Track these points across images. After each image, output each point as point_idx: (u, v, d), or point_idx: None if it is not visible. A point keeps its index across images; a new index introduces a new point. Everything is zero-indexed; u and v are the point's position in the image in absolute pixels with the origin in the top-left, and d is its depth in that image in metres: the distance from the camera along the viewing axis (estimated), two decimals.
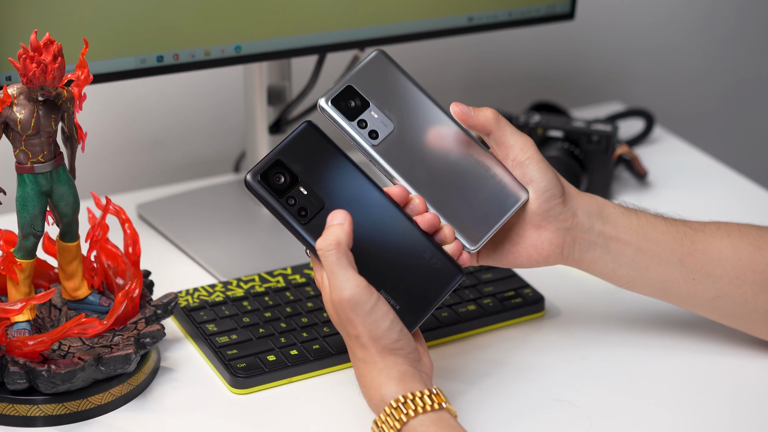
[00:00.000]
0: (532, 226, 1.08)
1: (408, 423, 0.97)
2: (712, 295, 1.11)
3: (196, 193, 1.43)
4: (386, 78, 1.08)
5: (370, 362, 0.99)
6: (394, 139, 1.06)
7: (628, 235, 1.10)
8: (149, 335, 1.10)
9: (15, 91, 1.03)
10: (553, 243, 1.08)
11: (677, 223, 1.12)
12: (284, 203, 1.01)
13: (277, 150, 1.02)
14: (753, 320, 1.12)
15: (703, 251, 1.11)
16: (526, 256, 1.09)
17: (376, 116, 1.06)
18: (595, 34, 1.79)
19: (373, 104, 1.06)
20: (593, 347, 1.18)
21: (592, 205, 1.10)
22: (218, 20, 1.24)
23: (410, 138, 1.07)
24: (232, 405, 1.10)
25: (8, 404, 1.06)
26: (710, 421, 1.09)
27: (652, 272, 1.10)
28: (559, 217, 1.08)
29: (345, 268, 0.98)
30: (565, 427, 1.08)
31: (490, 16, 1.37)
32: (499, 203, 1.07)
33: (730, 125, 1.98)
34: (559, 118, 1.46)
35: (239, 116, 1.54)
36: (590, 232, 1.09)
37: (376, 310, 0.98)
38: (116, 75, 1.22)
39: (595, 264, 1.10)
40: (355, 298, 0.97)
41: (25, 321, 1.08)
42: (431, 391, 0.98)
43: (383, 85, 1.07)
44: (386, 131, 1.06)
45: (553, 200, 1.07)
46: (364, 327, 0.98)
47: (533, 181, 1.07)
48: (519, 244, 1.09)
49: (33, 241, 1.07)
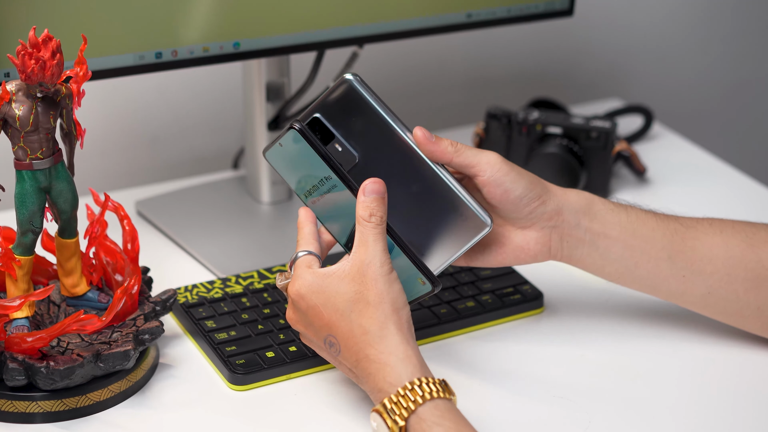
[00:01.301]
0: (517, 228, 1.09)
1: (425, 404, 0.96)
2: (703, 292, 1.11)
3: (195, 189, 1.43)
4: (354, 106, 1.08)
5: (384, 338, 0.99)
6: (359, 171, 1.07)
7: (616, 232, 1.10)
8: (148, 332, 1.10)
9: (14, 87, 1.03)
10: (539, 242, 1.09)
11: (668, 220, 1.12)
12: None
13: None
14: (745, 316, 1.12)
15: (693, 248, 1.10)
16: (514, 257, 1.10)
17: (340, 149, 1.07)
18: (594, 30, 1.79)
19: (338, 136, 1.07)
20: (592, 343, 1.18)
21: (579, 202, 1.10)
22: (217, 17, 1.24)
23: (374, 169, 1.07)
24: (230, 401, 1.10)
25: (7, 401, 1.06)
26: (709, 416, 1.09)
27: (641, 269, 1.10)
28: (542, 217, 1.08)
29: (381, 241, 1.02)
30: (564, 423, 1.08)
31: (489, 12, 1.37)
32: (459, 234, 1.08)
33: (729, 122, 1.98)
34: (558, 115, 1.46)
35: (238, 113, 1.54)
36: (577, 229, 1.09)
37: (397, 285, 1.01)
38: (115, 71, 1.22)
39: (584, 260, 1.11)
40: (390, 266, 1.01)
41: (23, 317, 1.08)
42: (440, 380, 0.98)
43: (351, 114, 1.08)
44: (350, 164, 1.08)
45: (531, 203, 1.08)
46: (388, 294, 1.00)
47: (507, 190, 1.07)
48: (505, 245, 1.09)
49: (32, 237, 1.07)
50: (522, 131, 1.45)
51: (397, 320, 1.00)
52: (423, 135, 1.07)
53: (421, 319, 1.17)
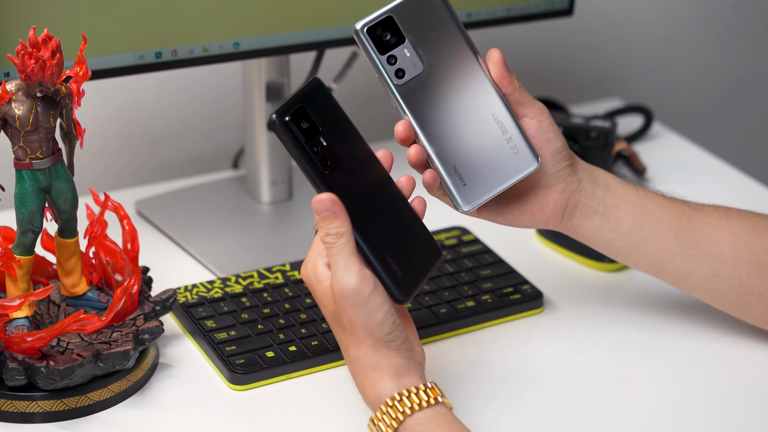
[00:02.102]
0: (541, 185, 1.09)
1: (404, 422, 0.96)
2: (707, 274, 1.12)
3: (195, 189, 1.43)
4: (428, 15, 1.04)
5: (363, 358, 0.99)
6: (420, 82, 1.04)
7: (627, 205, 1.11)
8: (148, 331, 1.10)
9: (13, 87, 1.03)
10: (558, 203, 1.09)
11: (675, 200, 1.13)
12: (310, 149, 0.97)
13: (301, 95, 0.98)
14: (747, 303, 1.13)
15: (699, 228, 1.11)
16: (530, 214, 1.10)
17: (408, 54, 1.03)
18: (594, 30, 1.79)
19: (408, 41, 1.03)
20: (592, 343, 1.18)
21: (595, 174, 1.11)
22: (216, 16, 1.24)
23: (436, 84, 1.04)
24: (230, 401, 1.10)
25: (7, 400, 1.06)
26: (709, 416, 1.09)
27: (649, 245, 1.11)
28: (567, 179, 1.09)
29: (349, 256, 0.97)
30: (563, 423, 1.08)
31: (489, 12, 1.37)
32: (506, 167, 1.06)
33: (729, 121, 1.98)
34: (558, 114, 1.46)
35: (238, 112, 1.54)
36: (593, 199, 1.10)
37: (372, 301, 0.97)
38: (115, 71, 1.22)
39: (594, 232, 1.11)
40: (356, 285, 0.96)
41: (23, 317, 1.08)
42: (426, 386, 0.98)
43: (423, 22, 1.04)
44: (414, 72, 1.03)
45: (563, 161, 1.09)
46: (360, 318, 0.97)
47: (550, 140, 1.08)
48: (525, 201, 1.09)
49: (31, 237, 1.07)
50: None
51: (372, 342, 0.98)
52: (501, 56, 1.07)
53: (421, 318, 1.17)
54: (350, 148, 1.00)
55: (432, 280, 1.23)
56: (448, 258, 1.26)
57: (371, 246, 0.98)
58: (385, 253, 0.99)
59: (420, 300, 1.20)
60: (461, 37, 1.05)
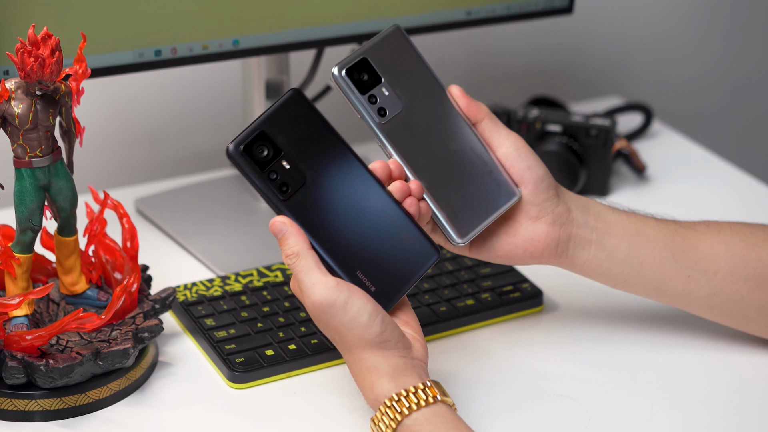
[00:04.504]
0: (529, 217, 1.08)
1: (402, 422, 0.96)
2: (708, 293, 1.11)
3: (195, 187, 1.43)
4: (400, 55, 1.06)
5: (360, 362, 0.98)
6: (401, 120, 1.05)
7: (620, 230, 1.10)
8: (147, 330, 1.10)
9: (13, 85, 1.03)
10: (549, 236, 1.08)
11: (667, 221, 1.12)
12: (266, 177, 0.99)
13: (262, 120, 0.99)
14: (749, 317, 1.12)
15: (694, 247, 1.11)
16: (522, 249, 1.09)
17: (386, 93, 1.05)
18: (594, 28, 1.79)
19: (384, 80, 1.05)
20: (591, 342, 1.18)
21: (583, 202, 1.10)
22: (216, 14, 1.24)
23: (417, 121, 1.06)
24: (230, 399, 1.10)
25: (6, 399, 1.06)
26: (708, 416, 1.09)
27: (647, 269, 1.10)
28: (555, 210, 1.08)
29: (309, 271, 0.97)
30: (563, 422, 1.08)
31: (489, 10, 1.36)
32: (492, 199, 1.07)
33: (729, 119, 1.98)
34: (558, 113, 1.46)
35: (237, 110, 1.54)
36: (585, 228, 1.09)
37: (351, 307, 0.97)
38: (114, 69, 1.22)
39: (590, 263, 1.10)
40: (327, 297, 0.97)
41: (23, 315, 1.08)
42: (425, 384, 0.97)
43: (397, 62, 1.06)
44: (395, 110, 1.05)
45: (549, 191, 1.08)
46: (344, 327, 0.97)
47: (530, 167, 1.07)
48: (515, 236, 1.08)
49: (31, 235, 1.07)
50: (522, 129, 1.45)
51: (365, 345, 0.98)
52: (460, 88, 1.07)
53: (420, 317, 1.17)
54: (323, 162, 1.00)
55: (432, 279, 1.23)
56: (448, 256, 1.26)
57: (339, 263, 0.99)
58: (356, 269, 0.99)
59: (420, 298, 1.20)
60: (431, 75, 1.07)
